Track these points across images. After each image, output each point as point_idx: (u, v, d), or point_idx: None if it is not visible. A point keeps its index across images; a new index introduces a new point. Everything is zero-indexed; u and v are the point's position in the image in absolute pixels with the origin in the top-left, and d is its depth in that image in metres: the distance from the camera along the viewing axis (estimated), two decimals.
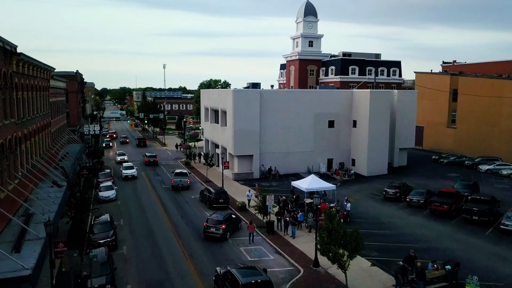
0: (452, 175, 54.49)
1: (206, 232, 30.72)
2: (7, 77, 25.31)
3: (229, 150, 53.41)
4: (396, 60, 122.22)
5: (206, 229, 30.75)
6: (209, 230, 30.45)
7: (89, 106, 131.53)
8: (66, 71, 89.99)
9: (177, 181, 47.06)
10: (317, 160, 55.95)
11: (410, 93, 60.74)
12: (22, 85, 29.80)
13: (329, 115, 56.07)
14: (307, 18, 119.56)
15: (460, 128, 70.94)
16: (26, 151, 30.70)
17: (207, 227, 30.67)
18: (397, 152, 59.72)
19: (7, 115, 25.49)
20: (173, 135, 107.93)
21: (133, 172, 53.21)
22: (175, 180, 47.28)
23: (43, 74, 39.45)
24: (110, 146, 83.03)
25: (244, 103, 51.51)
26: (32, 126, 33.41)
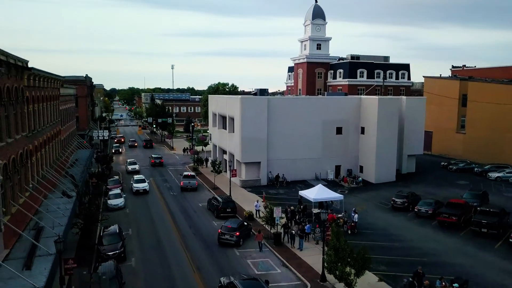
0: (461, 182, 54.07)
1: (220, 238, 31.84)
2: (18, 92, 25.68)
3: (237, 157, 53.57)
4: (405, 63, 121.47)
5: (220, 235, 31.88)
6: (224, 237, 31.64)
7: (98, 108, 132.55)
8: (75, 75, 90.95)
9: (186, 183, 51.07)
10: (325, 166, 55.86)
11: (418, 100, 60.38)
12: (33, 98, 30.19)
13: (337, 122, 55.95)
14: (315, 21, 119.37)
15: (469, 134, 70.33)
16: (37, 162, 31.08)
17: (222, 233, 31.81)
18: (405, 158, 59.39)
19: (18, 129, 25.86)
20: (181, 138, 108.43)
21: (145, 186, 49.24)
22: (185, 182, 51.20)
23: (53, 84, 39.89)
24: (120, 152, 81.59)
25: (252, 110, 51.63)
26: (43, 136, 33.81)
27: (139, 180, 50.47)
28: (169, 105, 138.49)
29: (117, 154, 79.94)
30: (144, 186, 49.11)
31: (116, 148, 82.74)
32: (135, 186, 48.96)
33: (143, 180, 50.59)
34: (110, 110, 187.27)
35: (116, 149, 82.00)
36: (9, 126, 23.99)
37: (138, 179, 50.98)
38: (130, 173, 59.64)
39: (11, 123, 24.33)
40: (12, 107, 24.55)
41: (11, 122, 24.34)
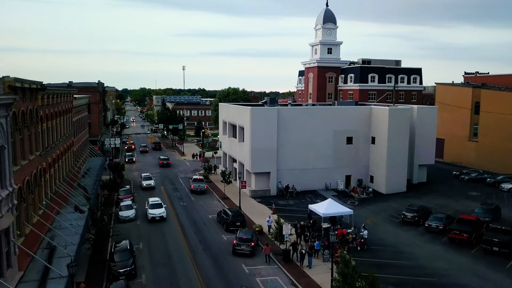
0: (473, 193, 53.51)
1: (236, 249, 33.30)
2: (33, 113, 26.20)
3: (246, 166, 53.77)
4: (417, 67, 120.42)
5: (236, 246, 33.34)
6: (240, 248, 33.20)
7: (110, 111, 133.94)
8: (88, 82, 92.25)
9: (196, 186, 55.05)
10: (335, 176, 55.74)
11: (430, 109, 59.88)
12: (46, 116, 30.75)
13: (347, 132, 55.79)
14: (326, 25, 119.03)
15: (482, 142, 69.49)
16: (50, 178, 31.66)
17: (237, 244, 33.28)
18: (416, 168, 58.95)
19: (32, 149, 26.39)
20: (191, 142, 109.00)
21: (161, 212, 42.35)
22: (194, 185, 55.14)
23: (67, 98, 40.52)
24: (133, 161, 78.38)
25: (262, 120, 51.79)
26: (56, 152, 34.40)
27: (155, 204, 43.74)
28: (180, 109, 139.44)
29: (131, 163, 77.25)
30: (160, 212, 42.41)
31: (130, 157, 79.25)
32: (150, 212, 42.37)
33: (159, 205, 43.76)
34: (122, 113, 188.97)
35: (130, 158, 78.72)
36: (24, 148, 24.50)
37: (154, 203, 44.01)
38: (145, 190, 55.94)
39: (26, 145, 24.84)
40: (26, 129, 25.07)
41: (26, 144, 24.85)
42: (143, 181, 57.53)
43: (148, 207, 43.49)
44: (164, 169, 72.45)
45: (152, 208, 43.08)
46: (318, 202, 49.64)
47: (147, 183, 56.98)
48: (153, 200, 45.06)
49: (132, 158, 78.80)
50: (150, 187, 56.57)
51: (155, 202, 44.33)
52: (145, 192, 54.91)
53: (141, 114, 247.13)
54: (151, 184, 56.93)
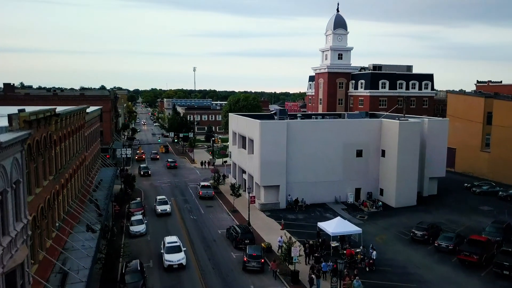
0: (484, 208, 53.00)
1: (246, 266, 34.36)
2: (46, 140, 26.74)
3: (256, 179, 54.02)
4: (428, 73, 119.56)
5: (246, 263, 34.40)
6: (250, 265, 34.28)
7: (121, 114, 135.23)
8: (100, 89, 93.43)
9: (204, 193, 58.46)
10: (345, 189, 55.71)
11: (441, 122, 59.43)
12: (59, 138, 31.33)
13: (357, 145, 55.69)
14: (337, 30, 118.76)
15: (494, 153, 68.71)
16: (63, 199, 32.25)
17: (248, 261, 34.34)
18: (427, 181, 58.58)
19: (46, 175, 26.94)
20: (202, 148, 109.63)
21: (180, 259, 34.47)
22: (203, 192, 58.53)
23: (79, 115, 41.15)
24: (149, 174, 74.08)
25: (271, 134, 51.98)
26: (69, 171, 35.01)
27: (173, 247, 35.48)
28: (191, 114, 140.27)
29: (146, 176, 73.21)
30: (179, 259, 34.41)
31: (145, 170, 74.38)
32: (167, 259, 34.39)
33: (177, 248, 35.57)
34: (133, 117, 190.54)
35: (145, 172, 73.97)
36: (38, 175, 25.03)
37: (172, 245, 35.64)
38: (160, 216, 49.41)
39: (40, 172, 25.38)
40: (41, 156, 25.61)
41: (40, 171, 25.39)
42: (158, 206, 50.52)
43: (164, 251, 35.26)
44: (174, 177, 73.24)
45: (169, 252, 34.99)
46: (327, 215, 50.08)
47: (163, 208, 50.13)
48: (171, 242, 36.32)
49: (148, 171, 74.32)
50: (166, 213, 49.85)
51: (173, 245, 35.73)
52: (160, 220, 48.50)
53: (152, 116, 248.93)
54: (166, 210, 50.08)
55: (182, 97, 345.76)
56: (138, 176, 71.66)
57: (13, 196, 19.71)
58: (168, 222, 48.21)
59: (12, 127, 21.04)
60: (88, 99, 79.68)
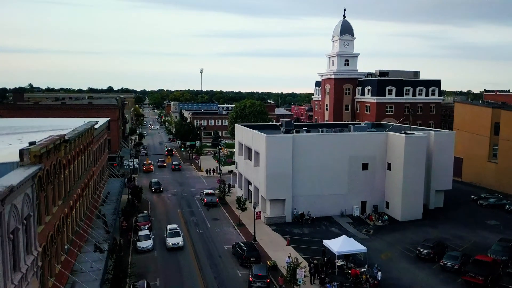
0: (491, 223, 52.83)
1: (252, 286, 34.64)
2: (56, 167, 27.24)
3: (262, 193, 54.32)
4: (435, 79, 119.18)
5: (252, 283, 34.70)
6: (256, 285, 34.59)
7: (129, 119, 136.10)
8: (107, 91, 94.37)
9: (209, 200, 60.71)
10: (350, 202, 55.82)
11: (447, 134, 59.28)
12: (68, 161, 31.83)
13: (363, 158, 55.76)
14: (343, 36, 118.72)
15: (502, 164, 68.37)
16: (72, 220, 32.79)
17: (253, 281, 34.70)
18: (433, 193, 58.51)
19: (55, 201, 27.44)
20: (208, 154, 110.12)
21: None
22: (207, 199, 60.71)
23: (88, 133, 41.68)
24: (161, 190, 69.76)
25: (277, 148, 52.23)
26: (77, 190, 35.55)
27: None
28: (197, 119, 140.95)
29: (158, 193, 69.00)
30: None
31: (157, 187, 69.80)
32: None
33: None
34: (140, 121, 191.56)
35: (157, 188, 69.60)
36: (48, 203, 25.53)
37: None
38: (170, 251, 43.41)
39: (50, 200, 25.87)
40: (50, 184, 26.10)
41: (50, 199, 25.88)
42: (169, 239, 43.87)
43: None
44: (180, 186, 73.92)
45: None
46: (333, 230, 50.32)
47: (174, 242, 43.46)
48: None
49: (160, 187, 69.93)
50: (178, 247, 43.37)
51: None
52: (171, 255, 42.48)
53: (159, 119, 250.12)
54: (178, 243, 43.39)
55: (189, 99, 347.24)
56: (149, 191, 68.91)
57: (24, 231, 20.21)
58: None
59: (23, 162, 21.53)
60: (96, 108, 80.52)
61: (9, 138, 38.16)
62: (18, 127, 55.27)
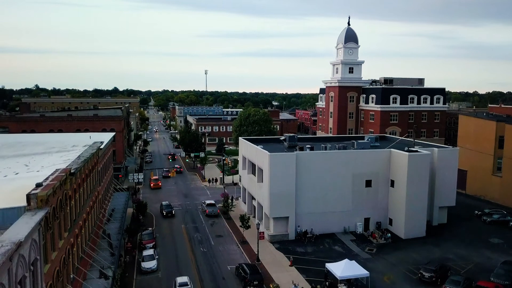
0: (495, 241, 52.80)
1: None
2: (62, 201, 27.68)
3: (265, 210, 54.63)
4: (440, 88, 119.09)
5: None
6: None
7: (134, 127, 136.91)
8: (114, 108, 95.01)
9: (210, 211, 63.36)
10: (353, 219, 56.00)
11: (451, 151, 59.23)
12: (74, 190, 32.29)
13: (366, 175, 55.92)
14: (348, 44, 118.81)
15: (506, 178, 68.24)
16: (77, 248, 33.23)
17: None
18: (436, 210, 58.51)
19: (61, 234, 27.88)
20: (212, 162, 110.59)
21: None
22: (209, 210, 63.47)
23: (93, 157, 42.10)
24: (173, 214, 63.63)
25: (281, 166, 52.49)
26: (83, 216, 36.01)
27: None
28: (202, 125, 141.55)
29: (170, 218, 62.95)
30: None
31: (168, 210, 63.53)
32: None
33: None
34: (145, 126, 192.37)
35: (168, 211, 63.41)
36: (54, 239, 25.96)
37: None
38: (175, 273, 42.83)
39: (55, 235, 26.30)
40: (56, 220, 26.53)
41: (55, 234, 26.31)
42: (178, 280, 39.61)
43: None
44: (185, 198, 74.52)
45: None
46: (336, 248, 50.57)
47: None
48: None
49: (172, 211, 63.78)
50: None
51: None
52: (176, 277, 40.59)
53: (164, 122, 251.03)
54: None
55: (194, 101, 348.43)
56: (160, 215, 63.98)
57: (30, 276, 20.65)
58: (179, 255, 49.05)
59: (30, 206, 21.99)
60: (101, 120, 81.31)
61: (16, 163, 38.79)
62: (26, 143, 56.07)
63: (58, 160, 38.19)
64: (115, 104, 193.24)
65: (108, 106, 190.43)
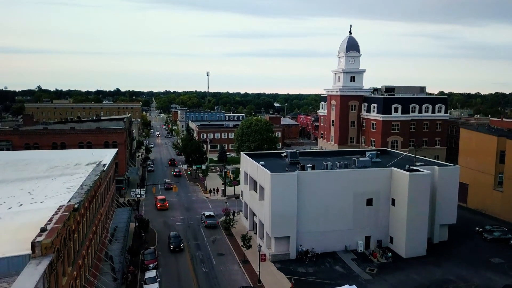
0: (495, 260, 52.95)
1: None
2: (66, 239, 28.02)
3: (267, 229, 54.91)
4: (442, 97, 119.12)
5: None
6: None
7: (136, 135, 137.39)
8: (116, 119, 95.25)
9: (210, 222, 66.07)
10: (355, 237, 56.26)
11: (451, 169, 59.34)
12: (77, 223, 32.61)
13: (367, 194, 56.18)
14: (349, 53, 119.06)
15: (508, 193, 68.34)
16: (80, 278, 33.57)
17: None
18: (437, 227, 58.72)
19: (65, 271, 28.18)
20: (214, 171, 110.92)
21: None
22: (208, 222, 66.17)
23: (97, 181, 42.42)
24: (182, 248, 56.66)
25: (282, 186, 52.75)
26: (85, 245, 36.34)
27: None
28: (204, 132, 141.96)
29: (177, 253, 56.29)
30: None
31: (177, 243, 56.45)
32: None
33: None
34: (147, 132, 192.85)
35: (177, 245, 56.30)
36: (58, 280, 26.22)
37: None
38: None
39: (59, 275, 26.59)
40: (60, 259, 26.84)
41: (59, 274, 26.60)
42: None
43: None
44: (187, 212, 74.85)
45: None
46: (337, 268, 50.91)
47: None
48: None
49: (180, 244, 56.74)
50: None
51: None
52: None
53: (166, 126, 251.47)
54: None
55: (195, 103, 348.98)
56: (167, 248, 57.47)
57: None
58: (180, 277, 49.43)
59: (35, 254, 22.33)
60: (104, 133, 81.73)
61: (19, 190, 39.15)
62: (29, 161, 56.53)
63: (61, 188, 38.55)
64: (118, 109, 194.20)
65: (110, 110, 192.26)
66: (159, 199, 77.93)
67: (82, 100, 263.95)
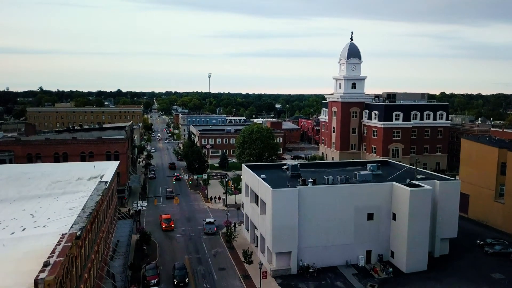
0: (496, 276, 53.01)
1: None
2: (69, 268, 28.21)
3: (268, 243, 55.08)
4: (443, 104, 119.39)
5: None
6: None
7: (137, 141, 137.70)
8: (118, 128, 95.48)
9: (208, 229, 68.81)
10: (356, 252, 56.41)
11: (452, 184, 59.40)
12: (80, 247, 32.82)
13: (368, 208, 56.30)
14: (351, 60, 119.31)
15: (509, 205, 68.40)
16: None
17: None
18: (438, 241, 58.81)
19: None
20: (216, 178, 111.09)
21: None
22: (207, 228, 69.07)
23: (99, 200, 42.60)
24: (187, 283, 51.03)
25: (283, 201, 52.91)
26: (87, 267, 36.54)
27: None
28: (205, 138, 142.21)
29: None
30: None
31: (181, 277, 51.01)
32: None
33: None
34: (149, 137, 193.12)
35: (181, 279, 50.82)
36: None
37: None
38: None
39: None
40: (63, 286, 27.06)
41: None
42: None
43: None
44: (188, 222, 75.04)
45: None
46: (338, 284, 50.99)
47: None
48: None
49: (185, 279, 51.17)
50: None
51: None
52: None
53: (167, 130, 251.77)
54: None
55: (197, 104, 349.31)
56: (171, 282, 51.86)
57: None
58: None
59: None
60: (106, 143, 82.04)
61: (22, 211, 39.36)
62: (31, 174, 56.79)
63: (63, 210, 38.79)
64: (119, 113, 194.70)
65: (111, 114, 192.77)
66: (164, 219, 72.02)
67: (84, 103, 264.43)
